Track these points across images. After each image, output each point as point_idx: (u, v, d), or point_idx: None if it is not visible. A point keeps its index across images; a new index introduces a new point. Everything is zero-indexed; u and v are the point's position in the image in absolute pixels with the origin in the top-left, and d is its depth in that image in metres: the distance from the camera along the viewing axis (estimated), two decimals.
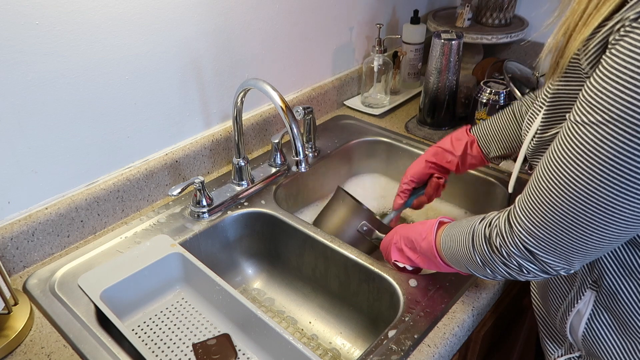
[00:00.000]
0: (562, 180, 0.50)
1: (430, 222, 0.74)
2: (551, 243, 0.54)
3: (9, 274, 0.82)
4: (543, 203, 0.53)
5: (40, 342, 0.72)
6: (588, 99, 0.47)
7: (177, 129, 1.00)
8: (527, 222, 0.55)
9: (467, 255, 0.65)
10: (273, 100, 0.81)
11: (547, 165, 0.52)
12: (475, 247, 0.63)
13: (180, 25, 0.92)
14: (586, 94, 0.48)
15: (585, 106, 0.47)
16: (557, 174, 0.51)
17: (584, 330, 0.65)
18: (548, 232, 0.53)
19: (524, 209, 0.55)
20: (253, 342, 0.79)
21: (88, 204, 0.88)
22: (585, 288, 0.63)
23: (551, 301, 0.71)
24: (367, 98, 1.34)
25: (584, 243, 0.52)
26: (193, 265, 0.84)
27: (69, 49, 0.78)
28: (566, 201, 0.50)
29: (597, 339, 0.64)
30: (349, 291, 0.91)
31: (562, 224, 0.52)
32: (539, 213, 0.53)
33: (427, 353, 0.71)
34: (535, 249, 0.55)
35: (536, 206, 0.54)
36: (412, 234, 0.76)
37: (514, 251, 0.57)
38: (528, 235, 0.55)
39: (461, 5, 1.40)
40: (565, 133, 0.50)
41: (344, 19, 1.26)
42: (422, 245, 0.74)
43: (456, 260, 0.68)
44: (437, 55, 1.16)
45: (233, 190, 0.99)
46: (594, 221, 0.49)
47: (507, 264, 0.59)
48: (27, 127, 0.78)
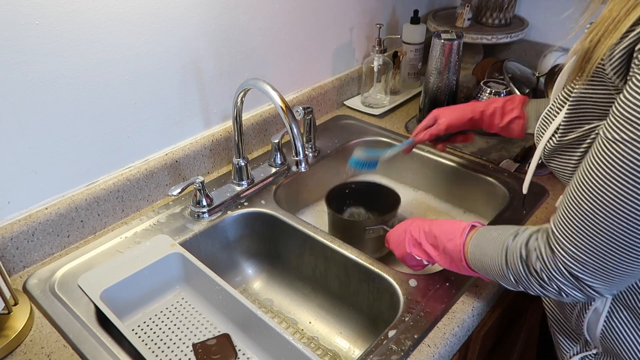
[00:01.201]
0: (605, 201, 0.49)
1: (460, 225, 0.72)
2: (599, 267, 0.52)
3: (9, 274, 0.82)
4: (587, 227, 0.51)
5: (40, 342, 0.72)
6: (621, 115, 0.46)
7: (177, 129, 1.00)
8: (572, 247, 0.53)
9: (499, 270, 0.64)
10: (273, 100, 0.81)
11: (585, 186, 0.51)
12: (510, 265, 0.61)
13: (180, 25, 0.92)
14: (619, 110, 0.47)
15: (619, 123, 0.47)
16: (598, 195, 0.50)
17: (603, 329, 0.64)
18: (595, 257, 0.52)
19: (565, 233, 0.54)
20: (253, 342, 0.79)
21: (88, 204, 0.88)
22: None
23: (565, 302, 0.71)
24: (367, 98, 1.34)
25: (633, 264, 0.51)
26: (193, 265, 0.84)
27: (69, 49, 0.78)
28: (612, 223, 0.49)
29: (616, 337, 0.64)
30: (349, 291, 0.91)
31: (610, 248, 0.50)
32: (584, 237, 0.52)
33: (427, 353, 0.71)
34: (581, 274, 0.54)
35: (579, 230, 0.52)
36: (437, 231, 0.74)
37: (557, 276, 0.56)
38: (574, 261, 0.54)
39: (461, 5, 1.40)
40: (600, 151, 0.49)
41: (344, 19, 1.26)
42: (447, 246, 0.72)
43: (485, 271, 0.68)
44: (437, 55, 1.16)
45: (233, 190, 0.99)
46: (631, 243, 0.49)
47: (545, 287, 0.58)
48: (27, 127, 0.78)
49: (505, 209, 0.97)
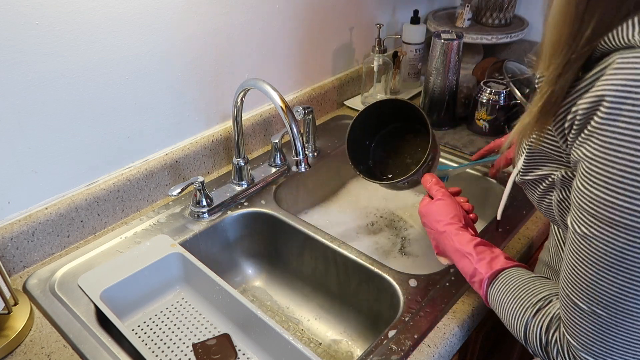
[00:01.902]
0: (602, 301, 0.49)
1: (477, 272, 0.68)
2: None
3: (9, 274, 0.82)
4: (594, 331, 0.51)
5: (40, 342, 0.72)
6: (584, 207, 0.47)
7: (177, 129, 1.00)
8: (587, 353, 0.52)
9: (518, 337, 0.63)
10: (273, 100, 0.81)
11: (578, 287, 0.51)
12: (529, 343, 0.60)
13: (180, 25, 0.92)
14: (579, 201, 0.47)
15: (584, 216, 0.47)
16: (593, 295, 0.49)
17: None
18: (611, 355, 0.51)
19: (578, 341, 0.53)
20: (253, 342, 0.79)
21: (88, 204, 0.88)
22: None
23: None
24: (367, 98, 1.34)
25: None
26: (193, 265, 0.84)
27: (69, 49, 0.78)
28: (617, 323, 0.49)
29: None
30: (349, 291, 0.91)
31: (622, 347, 0.50)
32: (595, 343, 0.51)
33: (427, 353, 0.71)
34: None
35: (589, 336, 0.52)
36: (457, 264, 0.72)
37: None
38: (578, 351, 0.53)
39: (461, 5, 1.40)
40: (578, 248, 0.49)
41: (344, 19, 1.26)
42: (472, 282, 0.70)
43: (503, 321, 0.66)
44: (437, 55, 1.16)
45: (233, 190, 0.99)
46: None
47: None
48: (27, 127, 0.78)
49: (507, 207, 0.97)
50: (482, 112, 1.19)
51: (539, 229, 0.93)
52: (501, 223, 0.92)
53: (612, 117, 0.43)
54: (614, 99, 0.42)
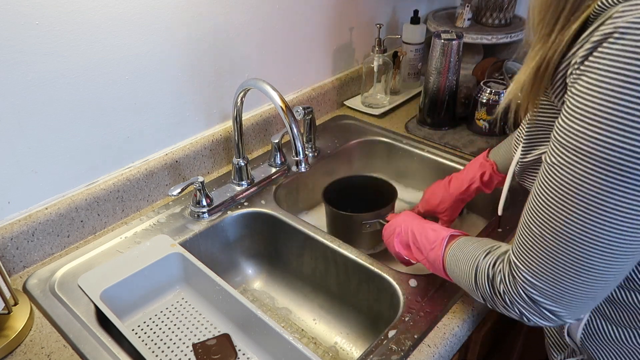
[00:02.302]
0: (552, 225, 0.50)
1: (440, 234, 0.72)
2: (555, 291, 0.53)
3: (9, 274, 0.82)
4: (538, 251, 0.52)
5: (40, 342, 0.72)
6: (558, 140, 0.48)
7: (177, 129, 1.00)
8: (528, 273, 0.54)
9: (470, 286, 0.64)
10: (273, 100, 0.81)
11: (533, 211, 0.52)
12: (478, 284, 0.62)
13: (180, 25, 0.92)
14: (556, 135, 0.48)
15: (556, 147, 0.48)
16: (545, 219, 0.51)
17: (582, 336, 0.65)
18: (550, 281, 0.52)
19: (522, 260, 0.55)
20: (253, 342, 0.79)
21: (88, 204, 0.88)
22: None
23: None
24: (367, 98, 1.34)
25: (586, 286, 0.51)
26: (193, 265, 0.84)
27: (69, 49, 0.78)
28: (561, 246, 0.50)
29: (595, 345, 0.64)
30: (349, 291, 0.91)
31: (561, 271, 0.51)
32: (537, 262, 0.53)
33: (427, 353, 0.70)
34: (539, 297, 0.54)
35: (533, 255, 0.53)
36: (421, 238, 0.75)
37: (519, 301, 0.56)
38: (531, 287, 0.54)
39: (461, 5, 1.40)
40: (543, 176, 0.50)
41: (344, 19, 1.26)
42: (430, 255, 0.73)
43: (460, 284, 0.68)
44: (437, 55, 1.16)
45: (233, 190, 0.99)
46: (592, 260, 0.49)
47: (509, 310, 0.59)
48: (27, 127, 0.78)
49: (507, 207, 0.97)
50: (482, 112, 1.19)
51: None
52: (501, 223, 0.92)
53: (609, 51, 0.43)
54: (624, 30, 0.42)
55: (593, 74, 0.44)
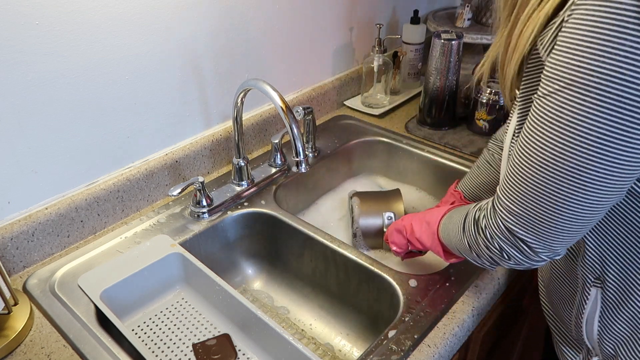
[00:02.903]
0: (532, 152, 0.51)
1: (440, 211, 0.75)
2: (529, 219, 0.54)
3: (9, 274, 0.82)
4: (518, 179, 0.53)
5: (40, 342, 0.72)
6: (546, 74, 0.48)
7: (177, 129, 1.00)
8: (507, 200, 0.55)
9: (458, 236, 0.66)
10: (273, 100, 0.81)
11: (523, 144, 0.53)
12: (465, 229, 0.64)
13: (180, 25, 0.92)
14: (545, 70, 0.49)
15: (544, 80, 0.48)
16: (527, 148, 0.51)
17: (599, 331, 0.65)
18: (525, 208, 0.53)
19: (503, 189, 0.56)
20: (253, 342, 0.79)
21: (88, 204, 0.88)
22: (589, 286, 0.63)
23: (562, 307, 0.71)
24: (367, 98, 1.34)
25: (559, 216, 0.52)
26: (193, 266, 0.84)
27: (69, 49, 0.78)
28: (537, 172, 0.51)
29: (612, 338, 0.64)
30: (349, 291, 0.91)
31: (536, 197, 0.52)
32: (516, 190, 0.54)
33: (427, 353, 0.71)
34: (514, 226, 0.55)
35: (513, 184, 0.54)
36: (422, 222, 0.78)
37: (497, 232, 0.58)
38: (508, 214, 0.56)
39: (461, 5, 1.40)
40: (531, 109, 0.51)
41: (344, 19, 1.26)
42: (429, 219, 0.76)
43: (449, 240, 0.70)
44: (437, 55, 1.16)
45: (233, 191, 0.99)
46: (565, 190, 0.49)
47: (490, 247, 0.60)
48: (27, 127, 0.78)
49: None
50: (482, 112, 1.19)
51: None
52: None
53: None
54: None
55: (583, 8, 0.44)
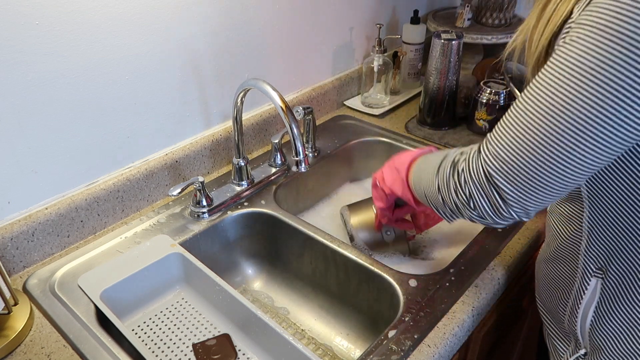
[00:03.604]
0: (541, 97, 0.51)
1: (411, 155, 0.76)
2: (513, 166, 0.53)
3: (9, 274, 0.82)
4: (515, 124, 0.53)
5: (40, 342, 0.72)
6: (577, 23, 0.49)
7: (177, 129, 1.00)
8: (496, 144, 0.55)
9: (430, 177, 0.65)
10: (273, 100, 0.81)
11: (526, 91, 0.53)
12: (440, 170, 0.63)
13: (180, 25, 0.92)
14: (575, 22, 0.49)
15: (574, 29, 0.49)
16: (536, 93, 0.51)
17: (592, 321, 0.65)
18: (513, 154, 0.53)
19: (495, 133, 0.56)
20: (253, 342, 0.79)
21: (88, 204, 0.88)
22: (589, 276, 0.63)
23: (557, 298, 0.71)
24: (367, 98, 1.34)
25: (546, 169, 0.51)
26: (193, 266, 0.84)
27: (69, 49, 0.78)
28: (540, 118, 0.51)
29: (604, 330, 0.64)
30: (349, 291, 0.91)
31: (529, 145, 0.52)
32: (509, 135, 0.54)
33: (427, 353, 0.71)
34: (496, 172, 0.55)
35: (508, 128, 0.54)
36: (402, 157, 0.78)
37: (473, 176, 0.57)
38: (493, 159, 0.55)
39: (461, 5, 1.40)
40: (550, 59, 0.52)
41: (344, 19, 1.26)
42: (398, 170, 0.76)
43: (419, 183, 0.70)
44: (437, 55, 1.16)
45: (233, 191, 0.99)
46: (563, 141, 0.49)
47: (459, 192, 0.59)
48: (27, 127, 0.78)
49: None
50: (482, 112, 1.19)
51: (539, 229, 0.93)
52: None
53: None
54: None
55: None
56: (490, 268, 0.84)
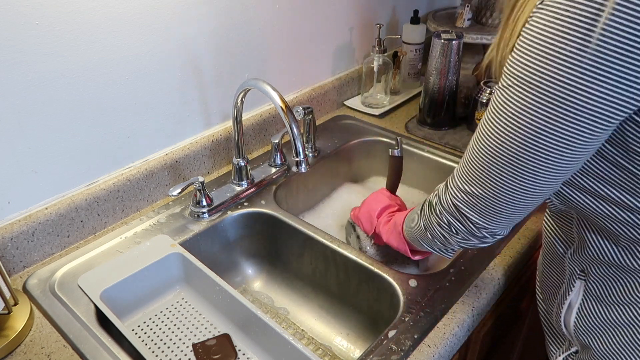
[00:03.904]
0: (482, 139, 0.55)
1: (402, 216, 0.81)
2: (473, 198, 0.58)
3: (9, 274, 0.82)
4: (468, 161, 0.58)
5: (40, 342, 0.72)
6: (504, 69, 0.51)
7: (177, 129, 1.00)
8: (458, 179, 0.61)
9: (416, 221, 0.71)
10: (273, 100, 0.81)
11: (480, 131, 0.56)
12: (422, 212, 0.69)
13: (180, 25, 0.92)
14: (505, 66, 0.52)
15: (502, 74, 0.52)
16: (479, 134, 0.56)
17: (575, 321, 0.67)
18: (471, 187, 0.58)
19: (458, 169, 0.61)
20: (253, 342, 0.79)
21: (88, 204, 0.88)
22: (575, 278, 0.66)
23: (548, 296, 0.73)
24: (367, 98, 1.34)
25: (498, 198, 0.56)
26: (193, 266, 0.84)
27: (69, 49, 0.78)
28: (484, 157, 0.55)
29: (587, 329, 0.66)
30: (349, 291, 0.91)
31: (481, 179, 0.56)
32: (466, 170, 0.59)
33: (427, 353, 0.71)
34: (460, 202, 0.60)
35: (464, 164, 0.59)
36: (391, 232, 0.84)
37: (445, 207, 0.63)
38: (457, 191, 0.61)
39: (461, 5, 1.40)
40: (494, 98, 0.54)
41: (344, 19, 1.26)
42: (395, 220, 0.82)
43: (410, 232, 0.75)
44: (437, 55, 1.16)
45: (233, 191, 0.99)
46: (505, 175, 0.53)
47: (440, 223, 0.65)
48: (27, 127, 0.78)
49: None
50: (482, 112, 1.19)
51: (538, 229, 0.93)
52: None
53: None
54: None
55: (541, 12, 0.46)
56: (490, 268, 0.84)
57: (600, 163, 0.52)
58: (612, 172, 0.51)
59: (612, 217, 0.55)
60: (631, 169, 0.50)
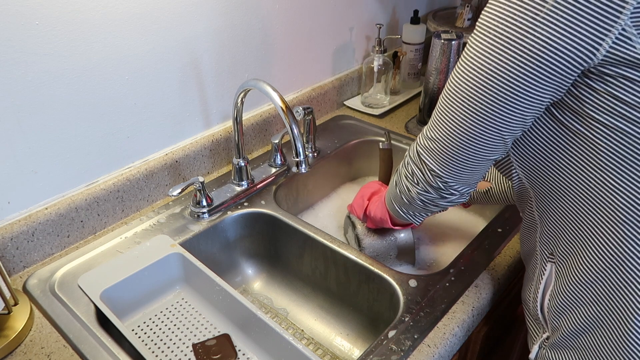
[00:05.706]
0: (447, 86, 0.58)
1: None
2: (430, 140, 0.62)
3: (9, 274, 0.82)
4: (436, 109, 0.61)
5: (40, 342, 0.72)
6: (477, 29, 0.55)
7: (177, 129, 1.00)
8: (426, 128, 0.64)
9: (392, 181, 0.74)
10: (273, 100, 0.81)
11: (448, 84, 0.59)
12: (399, 170, 0.72)
13: (180, 26, 0.92)
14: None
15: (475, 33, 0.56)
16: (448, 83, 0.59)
17: (547, 304, 0.67)
18: (430, 131, 0.62)
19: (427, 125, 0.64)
20: (253, 342, 0.79)
21: (88, 204, 0.88)
22: (545, 261, 0.66)
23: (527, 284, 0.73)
24: (367, 98, 1.34)
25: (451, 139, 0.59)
26: (193, 266, 0.84)
27: (69, 49, 0.78)
28: (442, 99, 0.59)
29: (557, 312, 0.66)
30: (349, 291, 0.91)
31: (442, 125, 0.60)
32: (433, 118, 0.62)
33: (427, 353, 0.71)
34: (421, 148, 0.64)
35: (434, 113, 0.62)
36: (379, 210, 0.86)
37: (411, 155, 0.67)
38: (421, 138, 0.65)
39: (461, 5, 1.40)
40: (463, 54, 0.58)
41: (344, 19, 1.26)
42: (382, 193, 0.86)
43: (389, 198, 0.77)
44: (437, 55, 1.16)
45: (233, 191, 0.99)
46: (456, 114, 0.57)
47: (406, 174, 0.68)
48: (27, 127, 0.78)
49: (507, 208, 0.97)
50: None
51: None
52: (501, 223, 0.92)
53: None
54: None
55: None
56: (490, 268, 0.84)
57: (560, 131, 0.55)
58: (572, 141, 0.55)
59: (570, 192, 0.58)
60: (589, 135, 0.53)
